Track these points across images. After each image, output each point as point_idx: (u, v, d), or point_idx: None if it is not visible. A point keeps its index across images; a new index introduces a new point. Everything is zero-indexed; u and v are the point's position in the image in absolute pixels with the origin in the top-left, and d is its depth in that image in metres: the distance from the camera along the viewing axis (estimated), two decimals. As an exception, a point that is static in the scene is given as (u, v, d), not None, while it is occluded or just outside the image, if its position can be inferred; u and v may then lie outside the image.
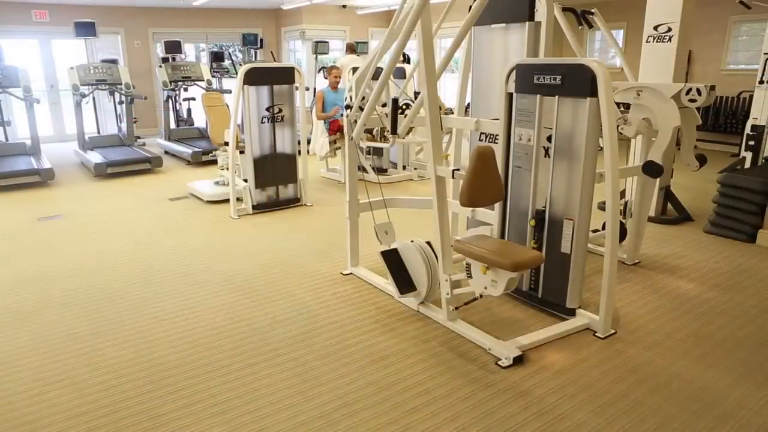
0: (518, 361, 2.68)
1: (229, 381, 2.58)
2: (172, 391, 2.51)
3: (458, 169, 2.91)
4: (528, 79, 3.02)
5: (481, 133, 3.77)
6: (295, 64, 5.64)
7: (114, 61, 9.14)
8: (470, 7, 2.97)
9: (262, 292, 3.54)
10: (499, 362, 2.69)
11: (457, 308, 3.02)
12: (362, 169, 5.50)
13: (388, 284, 3.44)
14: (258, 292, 3.55)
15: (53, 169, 6.91)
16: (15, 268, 4.06)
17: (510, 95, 3.15)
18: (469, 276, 2.79)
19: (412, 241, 3.20)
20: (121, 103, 9.06)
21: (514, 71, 3.09)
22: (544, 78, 2.93)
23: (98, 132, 10.31)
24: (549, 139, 3.00)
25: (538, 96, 2.99)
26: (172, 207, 5.68)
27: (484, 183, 2.69)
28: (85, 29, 9.11)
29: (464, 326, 2.98)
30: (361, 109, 3.32)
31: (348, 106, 3.40)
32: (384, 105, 3.54)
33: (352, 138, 3.42)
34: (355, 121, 3.36)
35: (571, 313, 3.08)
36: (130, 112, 8.69)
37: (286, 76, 5.32)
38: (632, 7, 9.01)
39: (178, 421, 2.30)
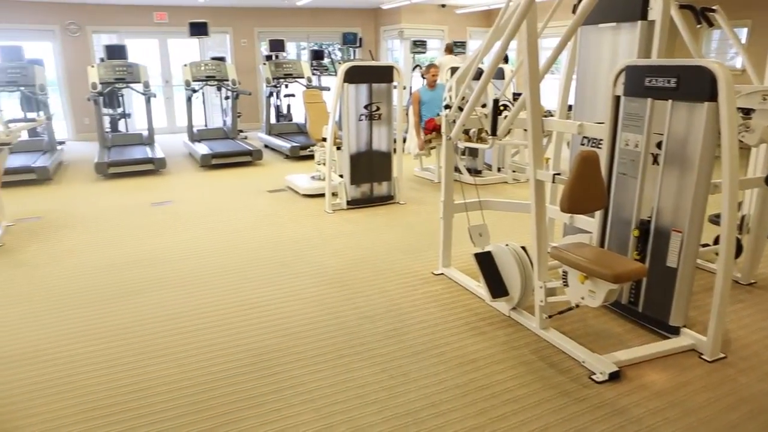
0: (614, 377, 2.56)
1: (318, 371, 2.65)
2: (265, 375, 2.63)
3: (559, 174, 2.82)
4: (638, 82, 2.87)
5: (584, 137, 3.62)
6: (395, 63, 5.70)
7: (222, 59, 9.67)
8: (574, 6, 2.86)
9: (354, 287, 3.62)
10: (594, 376, 2.58)
11: (550, 317, 2.93)
12: (456, 169, 5.47)
13: (479, 287, 3.40)
14: (349, 287, 3.62)
15: (165, 159, 7.43)
16: (128, 249, 4.41)
17: (617, 98, 3.00)
18: (566, 284, 2.70)
19: (506, 245, 3.14)
20: (227, 98, 9.57)
21: (623, 73, 2.94)
22: (656, 80, 2.77)
23: (205, 125, 10.99)
24: (659, 145, 2.83)
25: (648, 99, 2.83)
26: (270, 198, 5.94)
27: (587, 189, 2.59)
28: (199, 29, 9.70)
29: (557, 336, 2.88)
30: (460, 109, 3.30)
31: (447, 106, 3.39)
32: (483, 105, 3.49)
33: (450, 138, 3.41)
34: (454, 121, 3.34)
35: (675, 331, 2.89)
36: (235, 107, 9.16)
37: (385, 74, 5.38)
38: (758, 3, 8.31)
39: (269, 404, 2.40)
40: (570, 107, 3.99)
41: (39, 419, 2.32)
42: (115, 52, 8.70)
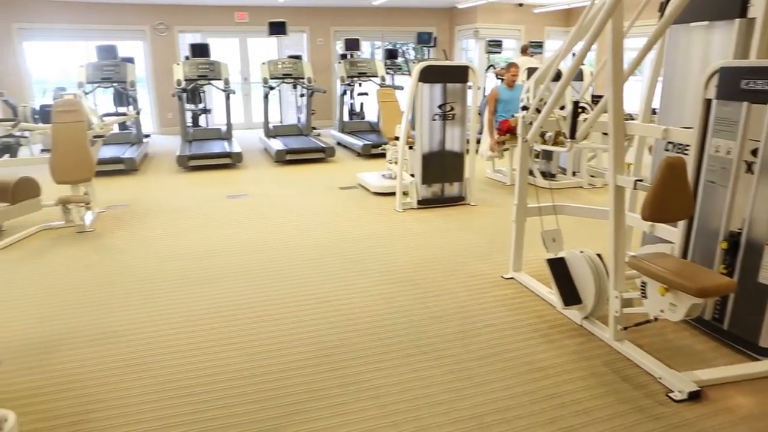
0: (694, 396, 2.43)
1: (384, 368, 2.67)
2: (331, 369, 2.67)
3: (641, 180, 2.70)
4: (733, 84, 2.70)
5: (668, 142, 3.45)
6: (470, 63, 5.65)
7: (299, 57, 9.90)
8: (662, 4, 2.72)
9: (422, 287, 3.61)
10: (671, 394, 2.45)
11: (625, 328, 2.82)
12: (530, 172, 5.35)
13: (550, 293, 3.32)
14: (417, 286, 3.62)
15: (242, 153, 7.71)
16: (205, 238, 4.60)
17: (708, 102, 2.84)
18: (644, 296, 2.58)
19: (581, 252, 3.04)
20: (302, 95, 9.80)
21: (716, 75, 2.78)
22: (755, 83, 2.60)
23: (281, 121, 11.31)
24: (754, 152, 2.65)
25: (744, 103, 2.66)
26: (342, 195, 6.03)
27: (672, 197, 2.46)
28: (278, 28, 9.98)
29: (632, 349, 2.76)
30: (538, 111, 3.23)
31: (525, 108, 3.32)
32: (562, 108, 3.40)
33: (526, 140, 3.34)
34: (531, 123, 3.27)
35: (765, 353, 2.71)
36: (310, 104, 9.36)
37: (460, 74, 5.34)
38: None
39: (334, 397, 2.44)
40: (654, 111, 3.81)
41: (113, 395, 2.47)
42: (199, 50, 9.10)
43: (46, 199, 4.70)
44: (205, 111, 10.28)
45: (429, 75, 5.22)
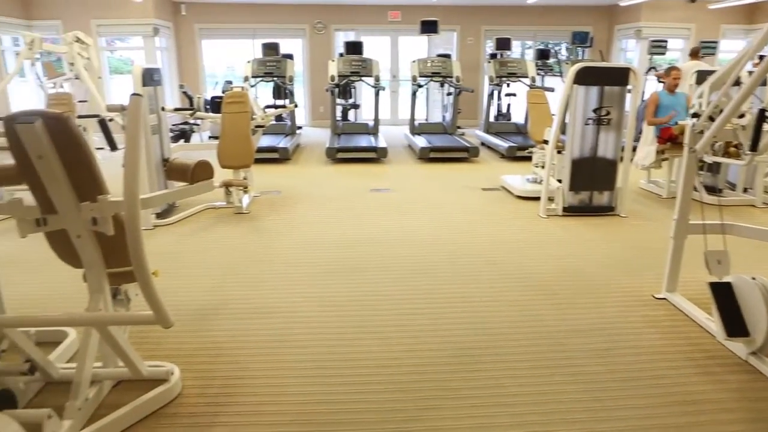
0: None
1: (519, 376, 2.60)
2: (465, 370, 2.65)
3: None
4: None
5: None
6: (631, 65, 5.28)
7: (448, 56, 9.93)
8: None
9: (563, 297, 3.46)
10: None
11: (803, 370, 2.47)
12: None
13: (710, 320, 3.01)
14: (558, 296, 3.48)
15: (387, 148, 7.92)
16: (349, 228, 4.80)
17: None
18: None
19: (753, 278, 2.72)
20: (449, 94, 9.82)
21: None
22: None
23: (426, 119, 11.44)
24: None
25: None
26: (484, 196, 5.96)
27: None
28: (429, 27, 10.09)
29: (811, 395, 2.42)
30: (711, 119, 2.93)
31: (695, 115, 3.04)
32: (741, 116, 3.05)
33: (694, 150, 3.05)
34: (701, 132, 2.98)
35: None
36: (456, 103, 9.35)
37: (620, 77, 5.01)
38: None
39: (466, 399, 2.42)
40: None
41: (259, 366, 2.66)
42: (353, 48, 9.49)
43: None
44: (355, 106, 10.72)
45: (585, 77, 4.97)
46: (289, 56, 9.91)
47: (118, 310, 2.38)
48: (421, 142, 8.30)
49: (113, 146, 3.11)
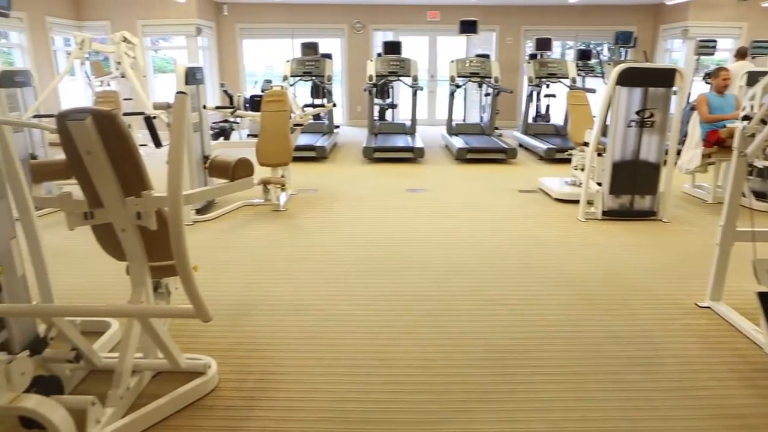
0: None
1: (555, 381, 2.56)
2: (500, 373, 2.62)
3: None
4: None
5: None
6: (678, 66, 5.13)
7: (486, 56, 9.85)
8: None
9: (601, 302, 3.39)
10: None
11: None
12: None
13: (757, 331, 2.90)
14: (597, 301, 3.41)
15: (424, 149, 7.90)
16: (385, 228, 4.81)
17: None
18: None
19: (804, 289, 2.61)
20: (487, 95, 9.75)
21: None
22: None
23: (464, 120, 11.37)
24: None
25: None
26: (521, 198, 5.89)
27: None
28: (468, 27, 10.03)
29: None
30: (764, 122, 2.82)
31: (746, 117, 2.93)
32: (795, 119, 2.93)
33: (744, 154, 2.95)
34: (752, 135, 2.88)
35: None
36: (495, 104, 9.27)
37: (666, 78, 4.88)
38: None
39: (501, 402, 2.39)
40: None
41: (294, 363, 2.69)
42: (391, 47, 9.50)
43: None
44: (392, 106, 10.73)
45: (629, 78, 4.85)
46: (328, 56, 10.00)
47: (159, 302, 2.44)
48: (458, 142, 8.26)
49: (158, 143, 3.19)
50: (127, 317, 2.31)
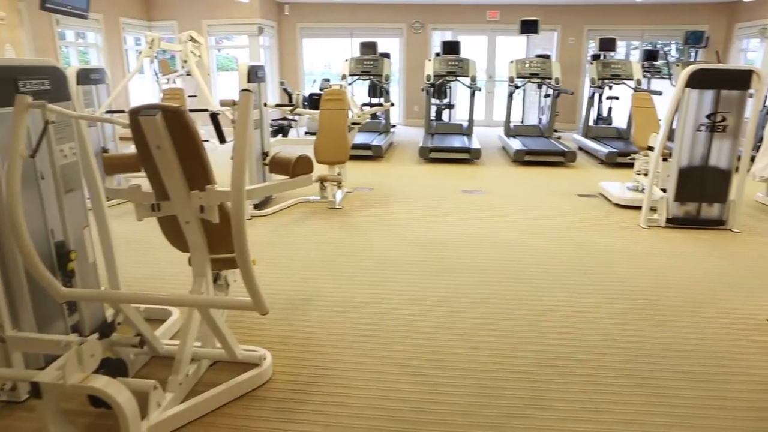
0: None
1: (610, 392, 2.47)
2: (552, 381, 2.56)
3: None
4: None
5: None
6: (755, 67, 4.87)
7: (547, 57, 9.64)
8: None
9: (662, 314, 3.26)
10: None
11: None
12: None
13: (836, 352, 2.72)
14: (657, 313, 3.28)
15: (480, 150, 7.81)
16: (440, 229, 4.78)
17: None
18: None
19: None
20: (547, 96, 9.54)
21: None
22: None
23: (522, 121, 11.18)
24: None
25: None
26: (580, 203, 5.74)
27: None
28: (529, 27, 9.85)
29: None
30: None
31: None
32: None
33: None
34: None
35: None
36: (554, 105, 9.07)
37: (741, 80, 4.63)
38: None
39: (553, 411, 2.34)
40: None
41: (347, 359, 2.71)
42: (449, 47, 9.44)
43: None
44: (449, 106, 10.68)
45: (700, 80, 4.64)
46: (386, 55, 10.03)
47: (218, 294, 2.52)
48: (515, 144, 8.12)
49: (222, 139, 3.29)
50: (188, 307, 2.40)
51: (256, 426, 2.23)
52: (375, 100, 10.29)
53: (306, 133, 10.40)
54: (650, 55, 10.18)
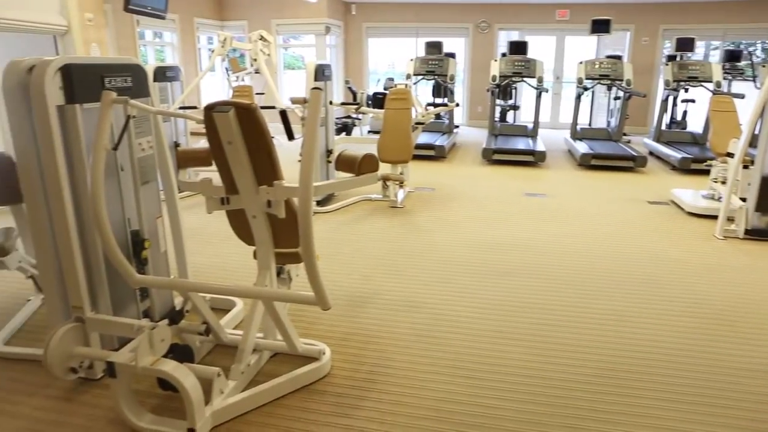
0: None
1: (672, 408, 2.36)
2: (613, 393, 2.47)
3: None
4: None
5: None
6: None
7: (618, 57, 9.30)
8: None
9: (740, 331, 3.08)
10: None
11: None
12: None
13: None
14: (733, 329, 3.10)
15: (545, 152, 7.63)
16: (502, 231, 4.71)
17: None
18: None
19: None
20: (617, 98, 9.21)
21: None
22: None
23: (589, 124, 10.84)
24: None
25: None
26: (649, 210, 5.50)
27: None
28: (600, 26, 9.52)
29: None
30: None
31: None
32: None
33: None
34: None
35: None
36: (624, 108, 8.74)
37: (834, 84, 4.32)
38: None
39: (612, 423, 2.25)
40: None
41: (404, 358, 2.71)
42: (516, 47, 9.27)
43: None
44: (514, 107, 10.49)
45: (788, 83, 4.35)
46: (451, 55, 9.96)
47: (281, 287, 2.57)
48: (582, 147, 7.89)
49: (291, 136, 3.35)
50: (253, 298, 2.46)
51: (314, 419, 2.27)
52: (439, 100, 10.24)
53: (369, 131, 10.48)
54: (732, 56, 9.62)
